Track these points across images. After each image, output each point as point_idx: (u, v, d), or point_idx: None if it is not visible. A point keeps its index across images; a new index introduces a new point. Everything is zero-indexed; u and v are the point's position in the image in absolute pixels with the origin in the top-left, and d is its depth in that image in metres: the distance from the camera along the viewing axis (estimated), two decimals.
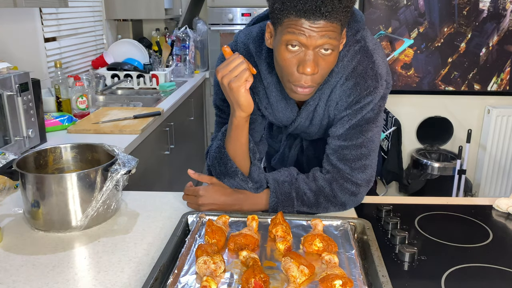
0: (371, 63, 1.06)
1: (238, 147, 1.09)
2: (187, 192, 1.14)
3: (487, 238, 1.02)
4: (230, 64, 0.97)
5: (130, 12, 3.23)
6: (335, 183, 1.08)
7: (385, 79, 1.09)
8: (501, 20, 3.02)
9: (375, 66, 1.06)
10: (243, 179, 1.09)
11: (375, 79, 1.06)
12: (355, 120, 1.07)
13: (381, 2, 3.00)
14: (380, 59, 1.08)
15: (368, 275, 0.85)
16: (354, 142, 1.08)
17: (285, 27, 0.93)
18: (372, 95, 1.06)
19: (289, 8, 0.90)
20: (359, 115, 1.07)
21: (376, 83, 1.06)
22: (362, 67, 1.06)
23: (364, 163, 1.08)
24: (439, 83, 3.16)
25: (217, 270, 0.82)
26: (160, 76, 2.91)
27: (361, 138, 1.07)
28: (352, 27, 1.07)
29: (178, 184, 2.71)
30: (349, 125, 1.08)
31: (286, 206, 1.08)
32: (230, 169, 1.09)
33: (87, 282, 0.85)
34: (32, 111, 1.63)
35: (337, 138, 1.09)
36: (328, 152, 1.11)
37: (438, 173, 3.06)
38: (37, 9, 2.36)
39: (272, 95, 1.15)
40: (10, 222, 1.09)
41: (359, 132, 1.07)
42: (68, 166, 1.19)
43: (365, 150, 1.08)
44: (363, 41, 1.08)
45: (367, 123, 1.07)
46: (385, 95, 1.11)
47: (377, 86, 1.06)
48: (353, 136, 1.08)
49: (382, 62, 1.09)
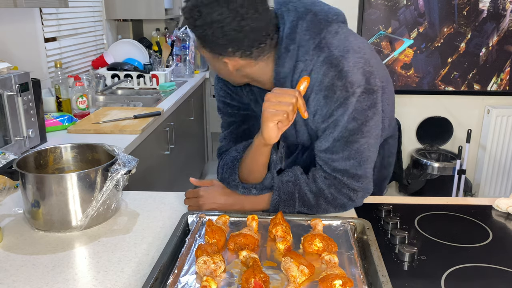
0: (338, 72, 1.01)
1: (255, 166, 1.09)
2: (188, 195, 1.14)
3: (487, 238, 1.02)
4: (282, 96, 0.95)
5: (130, 12, 3.23)
6: (333, 187, 1.07)
7: (362, 85, 1.02)
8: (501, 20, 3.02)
9: (343, 75, 1.01)
10: (244, 191, 1.11)
11: (345, 89, 1.01)
12: (336, 133, 1.04)
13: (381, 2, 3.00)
14: (350, 65, 1.01)
15: (368, 275, 0.85)
16: (341, 155, 1.04)
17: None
18: (343, 107, 1.02)
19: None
20: (338, 127, 1.03)
21: (346, 93, 1.01)
22: (328, 79, 1.02)
23: (356, 173, 1.05)
24: (439, 83, 3.16)
25: (217, 270, 0.82)
26: (160, 76, 2.91)
27: (347, 151, 1.04)
28: (310, 30, 1.03)
29: (178, 184, 2.71)
30: (332, 138, 1.04)
31: (288, 206, 1.08)
32: (232, 181, 1.12)
33: (87, 282, 0.85)
34: (32, 111, 1.63)
35: (323, 151, 1.07)
36: (320, 162, 1.09)
37: (438, 173, 3.06)
38: (37, 9, 2.36)
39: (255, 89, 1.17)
40: (10, 222, 1.09)
41: (344, 145, 1.04)
42: (68, 166, 1.19)
43: (354, 162, 1.05)
44: (327, 49, 1.03)
45: (351, 135, 1.03)
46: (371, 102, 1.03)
47: (348, 96, 1.01)
48: (339, 149, 1.04)
49: (355, 67, 1.02)
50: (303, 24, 1.04)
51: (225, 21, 0.94)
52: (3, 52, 2.06)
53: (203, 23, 0.96)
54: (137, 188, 1.30)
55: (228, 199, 1.10)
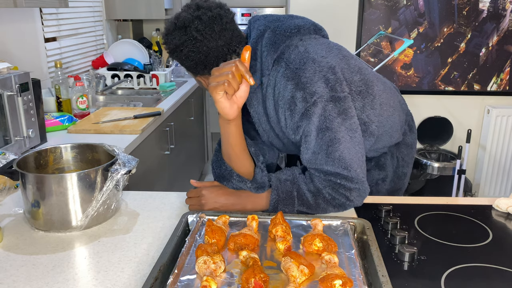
0: (295, 85, 1.04)
1: (230, 149, 1.09)
2: (189, 195, 1.14)
3: (487, 238, 1.02)
4: (222, 68, 0.96)
5: (130, 12, 3.23)
6: (330, 188, 1.07)
7: (325, 93, 1.03)
8: (500, 20, 3.02)
9: (301, 87, 1.03)
10: (239, 180, 1.10)
11: (304, 100, 1.03)
12: (312, 144, 1.05)
13: (381, 2, 3.00)
14: (308, 76, 1.04)
15: (368, 275, 0.85)
16: (325, 164, 1.05)
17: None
18: (307, 118, 1.04)
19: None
20: (310, 138, 1.05)
21: (306, 103, 1.03)
22: (288, 92, 1.05)
23: (347, 175, 1.05)
24: (438, 83, 3.16)
25: (217, 270, 0.82)
26: (160, 76, 2.91)
27: (330, 159, 1.04)
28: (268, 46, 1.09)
29: (178, 184, 2.71)
30: (311, 150, 1.06)
31: (287, 205, 1.08)
32: (225, 171, 1.12)
33: (87, 282, 0.86)
34: (32, 111, 1.63)
35: (308, 162, 1.08)
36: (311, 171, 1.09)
37: (438, 173, 3.06)
38: (37, 9, 2.36)
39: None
40: (10, 222, 1.09)
41: (325, 155, 1.04)
42: (68, 166, 1.19)
43: (340, 168, 1.04)
44: (284, 64, 1.07)
45: (329, 146, 1.03)
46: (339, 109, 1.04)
47: (309, 107, 1.03)
48: (321, 159, 1.05)
49: (314, 77, 1.04)
50: (262, 41, 1.11)
51: (184, 45, 1.05)
52: (3, 52, 2.06)
53: (169, 49, 1.09)
54: (137, 188, 1.30)
55: (230, 199, 1.10)
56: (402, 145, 1.36)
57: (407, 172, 1.39)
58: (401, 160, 1.36)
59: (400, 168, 1.37)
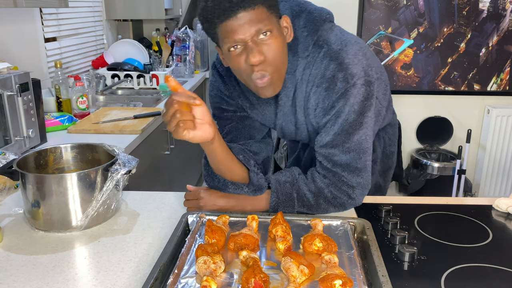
0: (338, 65, 1.03)
1: (218, 165, 1.08)
2: (187, 197, 1.14)
3: (487, 238, 1.02)
4: (167, 113, 0.91)
5: (130, 12, 3.23)
6: (333, 186, 1.07)
7: (362, 77, 1.04)
8: (501, 20, 3.02)
9: (343, 67, 1.03)
10: (235, 188, 1.09)
11: (345, 81, 1.03)
12: (338, 126, 1.05)
13: (381, 2, 3.00)
14: (350, 57, 1.04)
15: (368, 275, 0.85)
16: (342, 148, 1.05)
17: (222, 37, 0.97)
18: (344, 98, 1.03)
19: (213, 19, 0.95)
20: (339, 119, 1.05)
21: (346, 84, 1.03)
22: (329, 71, 1.04)
23: (356, 166, 1.06)
24: (439, 83, 3.16)
25: (217, 270, 0.82)
26: (160, 76, 2.91)
27: (348, 143, 1.05)
28: (308, 28, 1.06)
29: (178, 184, 2.71)
30: (334, 131, 1.06)
31: (287, 207, 1.08)
32: (219, 183, 1.11)
33: (87, 282, 0.86)
34: (32, 111, 1.63)
35: (324, 146, 1.08)
36: (319, 158, 1.09)
37: (438, 173, 3.06)
38: (37, 9, 2.36)
39: (250, 95, 1.16)
40: (10, 222, 1.09)
41: (345, 138, 1.05)
42: (68, 166, 1.19)
43: (355, 154, 1.06)
44: (325, 46, 1.06)
45: (351, 127, 1.05)
46: (370, 93, 1.05)
47: (348, 88, 1.03)
48: (340, 142, 1.05)
49: (355, 60, 1.04)
50: (300, 22, 1.07)
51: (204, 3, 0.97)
52: (3, 52, 2.06)
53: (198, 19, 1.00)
54: (137, 188, 1.30)
55: (229, 201, 1.10)
56: (387, 126, 1.39)
57: (394, 150, 1.43)
58: (388, 140, 1.39)
59: (388, 147, 1.40)
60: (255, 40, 0.95)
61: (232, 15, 0.92)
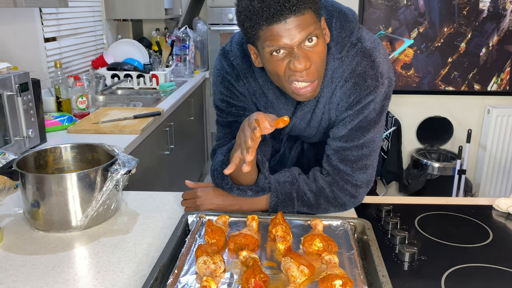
0: (370, 62, 1.05)
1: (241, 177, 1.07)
2: (185, 197, 1.14)
3: (487, 238, 1.02)
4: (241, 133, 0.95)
5: (130, 12, 3.23)
6: (336, 185, 1.07)
7: (387, 77, 1.07)
8: (501, 20, 3.02)
9: (375, 65, 1.05)
10: (239, 193, 1.08)
11: (375, 78, 1.05)
12: (357, 121, 1.06)
13: (381, 2, 3.00)
14: (380, 57, 1.06)
15: (368, 275, 0.85)
16: (356, 143, 1.07)
17: (263, 40, 0.92)
18: (373, 94, 1.05)
19: (258, 20, 0.90)
20: (361, 115, 1.06)
21: (376, 82, 1.05)
22: (361, 67, 1.05)
23: (365, 163, 1.08)
24: (439, 83, 3.16)
25: (217, 270, 0.82)
26: (160, 76, 2.91)
27: (363, 139, 1.07)
28: (345, 29, 1.05)
29: (178, 184, 2.71)
30: (351, 126, 1.07)
31: (287, 206, 1.08)
32: (226, 185, 1.09)
33: (87, 282, 0.85)
34: (32, 111, 1.63)
35: (338, 139, 1.08)
36: (329, 153, 1.10)
37: (438, 173, 3.06)
38: (37, 9, 2.36)
39: (270, 93, 1.13)
40: (10, 222, 1.09)
41: (361, 133, 1.07)
42: (68, 166, 1.19)
43: (367, 150, 1.08)
44: (359, 43, 1.07)
45: (369, 124, 1.07)
46: (389, 94, 1.09)
47: (378, 85, 1.05)
48: (355, 137, 1.07)
49: (384, 60, 1.07)
50: (336, 22, 1.05)
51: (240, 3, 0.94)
52: (3, 52, 2.06)
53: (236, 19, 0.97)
54: (137, 188, 1.30)
55: (226, 200, 1.10)
56: None
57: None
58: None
59: None
60: (302, 47, 0.92)
61: (282, 20, 0.88)
